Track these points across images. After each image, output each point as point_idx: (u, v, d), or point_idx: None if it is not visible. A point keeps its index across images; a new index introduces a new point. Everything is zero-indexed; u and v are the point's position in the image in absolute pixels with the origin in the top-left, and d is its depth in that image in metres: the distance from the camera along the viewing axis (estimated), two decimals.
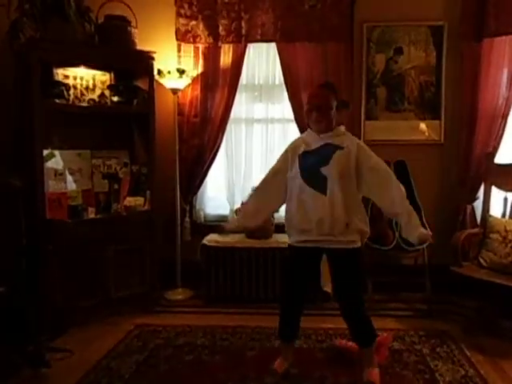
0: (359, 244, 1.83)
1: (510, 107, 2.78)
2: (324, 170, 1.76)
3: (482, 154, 2.85)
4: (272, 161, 3.28)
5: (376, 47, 2.97)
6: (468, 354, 2.22)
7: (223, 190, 3.19)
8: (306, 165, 1.80)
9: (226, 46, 2.95)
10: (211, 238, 2.94)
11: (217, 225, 3.09)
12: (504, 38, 2.75)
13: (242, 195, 3.09)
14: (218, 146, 3.03)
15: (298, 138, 2.00)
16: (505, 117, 2.80)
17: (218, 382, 1.97)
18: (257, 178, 3.16)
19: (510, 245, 2.47)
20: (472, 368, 2.08)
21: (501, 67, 2.79)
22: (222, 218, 3.17)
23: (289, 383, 1.96)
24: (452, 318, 2.62)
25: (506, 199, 2.67)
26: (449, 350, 2.27)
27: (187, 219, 3.08)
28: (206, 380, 1.99)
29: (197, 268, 2.90)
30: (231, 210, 3.13)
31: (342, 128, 1.89)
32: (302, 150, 1.85)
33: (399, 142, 2.97)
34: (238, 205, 3.03)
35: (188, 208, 3.09)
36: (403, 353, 2.22)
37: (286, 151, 1.93)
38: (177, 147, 2.96)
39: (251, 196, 2.11)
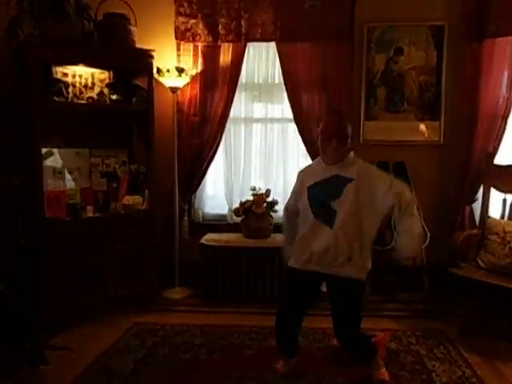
0: (362, 277, 1.82)
1: (510, 108, 2.78)
2: (335, 204, 1.75)
3: (481, 155, 2.84)
4: (271, 161, 3.31)
5: (376, 47, 2.96)
6: (465, 354, 2.23)
7: (222, 189, 3.19)
8: (315, 197, 1.80)
9: (226, 44, 2.94)
10: (209, 237, 2.94)
11: (216, 224, 3.13)
12: (505, 38, 2.74)
13: (240, 195, 3.09)
14: (217, 145, 3.03)
15: (308, 167, 2.00)
16: (505, 118, 2.79)
17: (215, 381, 1.98)
18: (256, 177, 3.19)
19: (508, 246, 2.48)
20: (469, 369, 2.09)
21: (501, 68, 2.78)
22: (221, 218, 3.18)
23: (287, 382, 1.97)
24: (449, 319, 2.62)
25: (504, 200, 2.67)
26: (446, 351, 2.28)
27: (186, 218, 3.08)
28: (204, 379, 2.00)
29: (195, 267, 2.91)
30: (229, 210, 3.13)
31: (352, 155, 1.86)
32: (311, 181, 1.83)
33: (398, 142, 2.96)
34: (236, 204, 3.03)
35: (186, 207, 3.09)
36: (400, 353, 2.24)
37: (298, 178, 1.95)
38: (176, 146, 2.95)
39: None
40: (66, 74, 2.70)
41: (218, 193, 3.21)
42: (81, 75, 2.76)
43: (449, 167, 2.99)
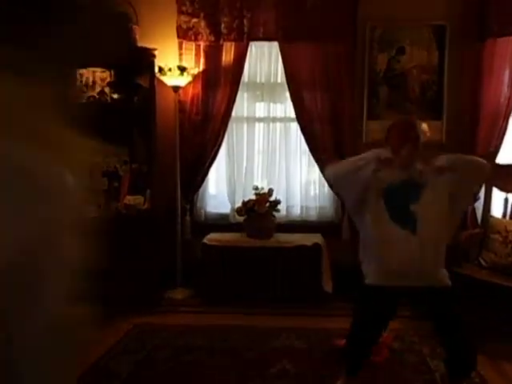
0: (449, 282, 1.71)
1: (510, 107, 2.77)
2: (414, 208, 1.65)
3: (483, 154, 2.82)
4: (273, 160, 3.28)
5: (378, 46, 2.97)
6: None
7: (224, 188, 3.17)
8: (393, 199, 1.67)
9: (228, 44, 2.94)
10: (212, 237, 2.92)
11: (218, 224, 3.10)
12: (507, 38, 2.75)
13: (243, 194, 3.08)
14: (220, 144, 3.02)
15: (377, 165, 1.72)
16: (507, 117, 2.80)
17: (215, 383, 1.96)
18: (258, 176, 3.17)
19: (510, 245, 2.47)
20: None
21: (503, 67, 2.80)
22: (223, 217, 3.16)
23: (288, 383, 1.94)
24: None
25: (506, 200, 2.67)
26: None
27: (188, 218, 3.06)
28: (204, 381, 1.98)
29: (197, 267, 2.89)
30: (232, 209, 3.11)
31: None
32: (386, 183, 1.69)
33: None
34: (238, 204, 3.01)
35: (188, 206, 3.08)
36: (403, 353, 2.22)
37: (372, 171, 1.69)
38: (177, 145, 2.94)
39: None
40: None
41: (220, 192, 3.20)
42: (81, 74, 2.75)
43: None
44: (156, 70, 2.81)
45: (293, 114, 2.96)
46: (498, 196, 2.73)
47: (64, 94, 0.70)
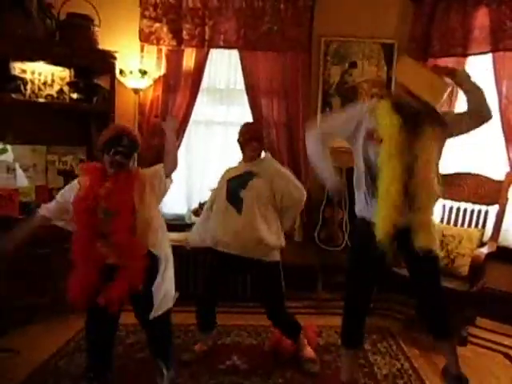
0: (276, 258, 2.14)
1: None
2: (242, 193, 2.09)
3: None
4: (229, 163, 3.40)
5: (332, 60, 3.19)
6: (405, 348, 2.42)
7: (181, 189, 3.23)
8: (231, 188, 2.14)
9: (189, 49, 3.05)
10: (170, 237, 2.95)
11: (174, 224, 3.15)
12: (447, 59, 3.00)
13: (199, 195, 3.18)
14: (178, 147, 3.06)
15: (229, 168, 2.29)
16: None
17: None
18: (214, 178, 3.23)
19: (445, 248, 2.70)
20: (407, 361, 2.29)
21: None
22: (179, 217, 3.24)
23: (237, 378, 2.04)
24: (393, 316, 2.83)
25: (444, 206, 2.90)
26: (388, 345, 2.45)
27: None
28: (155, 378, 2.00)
29: None
30: (188, 209, 3.19)
31: (264, 155, 2.21)
32: (230, 176, 2.20)
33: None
34: (195, 204, 3.11)
35: None
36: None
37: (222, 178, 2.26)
38: None
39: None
40: (24, 71, 2.70)
41: (177, 193, 3.25)
42: (40, 72, 2.78)
43: None
44: (117, 72, 2.86)
45: (250, 119, 3.07)
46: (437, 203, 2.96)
47: None
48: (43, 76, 2.77)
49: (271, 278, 2.13)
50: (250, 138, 2.15)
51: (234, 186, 2.12)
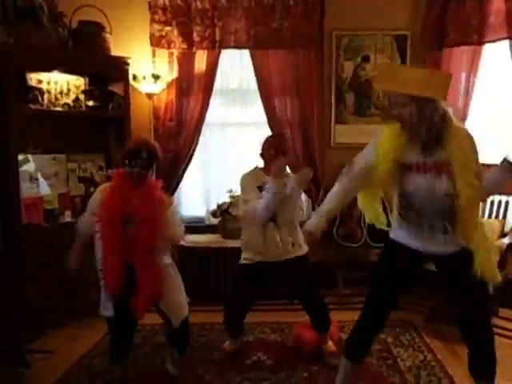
0: (306, 249, 2.33)
1: (467, 112, 3.14)
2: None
3: None
4: (246, 164, 3.57)
5: (344, 55, 3.28)
6: (428, 340, 2.56)
7: (199, 192, 3.41)
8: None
9: (201, 51, 3.17)
10: (188, 239, 3.16)
11: (194, 226, 3.34)
12: (461, 48, 3.10)
13: (217, 197, 3.33)
14: (194, 149, 3.26)
15: (250, 174, 2.32)
16: (462, 122, 3.13)
17: (195, 375, 2.21)
18: (231, 180, 3.41)
19: None
20: (430, 353, 2.42)
21: (458, 75, 3.14)
22: (198, 220, 3.42)
23: (264, 373, 2.22)
24: (415, 309, 2.97)
25: None
26: (411, 338, 2.60)
27: None
28: (184, 374, 2.21)
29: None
30: (207, 211, 3.37)
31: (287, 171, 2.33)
32: (258, 183, 2.24)
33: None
34: (213, 206, 3.28)
35: None
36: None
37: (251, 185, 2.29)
38: None
39: None
40: (40, 81, 2.86)
41: (195, 195, 3.43)
42: (56, 82, 2.93)
43: None
44: (130, 77, 3.03)
45: (264, 119, 3.22)
46: None
47: None
48: (59, 85, 2.93)
49: (306, 267, 2.31)
50: (275, 153, 2.19)
51: None
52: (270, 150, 2.23)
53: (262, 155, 2.28)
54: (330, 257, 3.19)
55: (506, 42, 2.89)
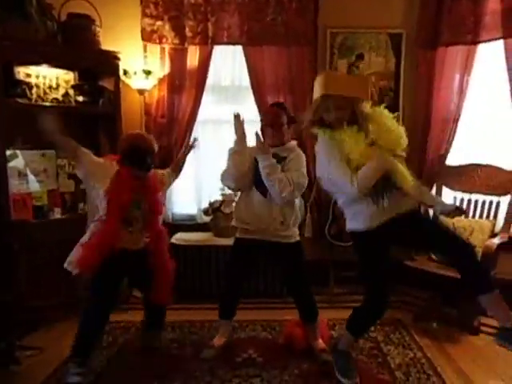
0: (298, 238, 2.38)
1: (460, 112, 3.21)
2: None
3: (434, 156, 3.29)
4: None
5: (339, 53, 3.33)
6: (417, 338, 2.65)
7: (191, 189, 3.47)
8: (257, 170, 2.24)
9: (193, 47, 3.19)
10: (180, 237, 3.22)
11: (185, 224, 3.41)
12: (456, 47, 3.16)
13: (209, 195, 3.38)
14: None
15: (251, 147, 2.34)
16: (456, 121, 3.23)
17: (186, 372, 2.26)
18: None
19: None
20: (420, 351, 2.51)
21: (453, 75, 3.21)
22: (190, 218, 3.46)
23: (254, 370, 2.29)
24: (405, 308, 3.06)
25: (455, 198, 3.12)
26: (400, 336, 2.69)
27: None
28: (176, 371, 2.27)
29: None
30: (199, 209, 3.42)
31: (293, 143, 2.32)
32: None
33: None
34: (205, 204, 3.33)
35: None
36: (359, 340, 2.62)
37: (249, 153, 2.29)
38: None
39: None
40: (29, 75, 2.85)
41: (186, 193, 3.47)
42: (45, 76, 2.92)
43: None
44: (121, 72, 3.04)
45: (257, 117, 3.20)
46: (448, 194, 3.18)
47: None
48: (48, 80, 2.92)
49: (297, 255, 2.36)
50: (265, 123, 2.28)
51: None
52: (265, 117, 2.32)
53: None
54: (322, 256, 3.27)
55: (501, 42, 2.97)
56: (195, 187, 3.45)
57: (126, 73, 3.07)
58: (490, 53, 3.11)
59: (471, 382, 2.20)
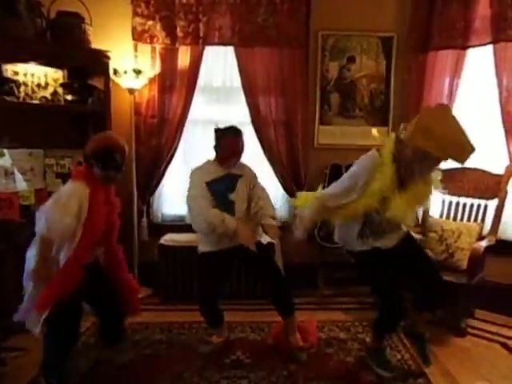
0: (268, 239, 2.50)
1: None
2: (232, 196, 2.34)
3: None
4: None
5: (330, 55, 3.38)
6: (405, 340, 2.71)
7: (181, 190, 3.49)
8: (218, 191, 2.32)
9: (184, 47, 3.20)
10: (168, 238, 3.25)
11: (175, 225, 3.43)
12: (446, 51, 3.23)
13: None
14: (176, 147, 3.31)
15: (200, 168, 2.42)
16: None
17: (174, 373, 2.29)
18: None
19: (445, 243, 2.98)
20: (407, 352, 2.56)
21: (443, 78, 3.27)
22: (180, 218, 3.49)
23: (243, 372, 2.32)
24: None
25: (443, 201, 3.20)
26: (388, 338, 2.76)
27: (144, 219, 3.35)
28: (163, 372, 2.30)
29: (154, 268, 3.19)
30: None
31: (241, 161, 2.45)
32: (209, 178, 2.33)
33: (351, 146, 3.38)
34: None
35: (145, 208, 3.37)
36: (348, 341, 2.67)
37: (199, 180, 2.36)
38: (133, 147, 3.20)
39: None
40: (17, 73, 2.87)
41: (176, 194, 3.48)
42: (33, 74, 2.93)
43: None
44: (111, 71, 3.05)
45: (248, 118, 3.29)
46: (436, 197, 3.26)
47: None
48: (36, 78, 2.93)
49: (267, 251, 2.45)
50: (230, 155, 2.33)
51: (222, 190, 2.31)
52: (227, 150, 2.32)
53: (215, 148, 2.36)
54: (312, 258, 3.33)
55: (490, 47, 3.04)
56: (185, 187, 3.47)
57: (115, 72, 3.08)
58: (479, 57, 3.19)
59: (458, 383, 2.25)
